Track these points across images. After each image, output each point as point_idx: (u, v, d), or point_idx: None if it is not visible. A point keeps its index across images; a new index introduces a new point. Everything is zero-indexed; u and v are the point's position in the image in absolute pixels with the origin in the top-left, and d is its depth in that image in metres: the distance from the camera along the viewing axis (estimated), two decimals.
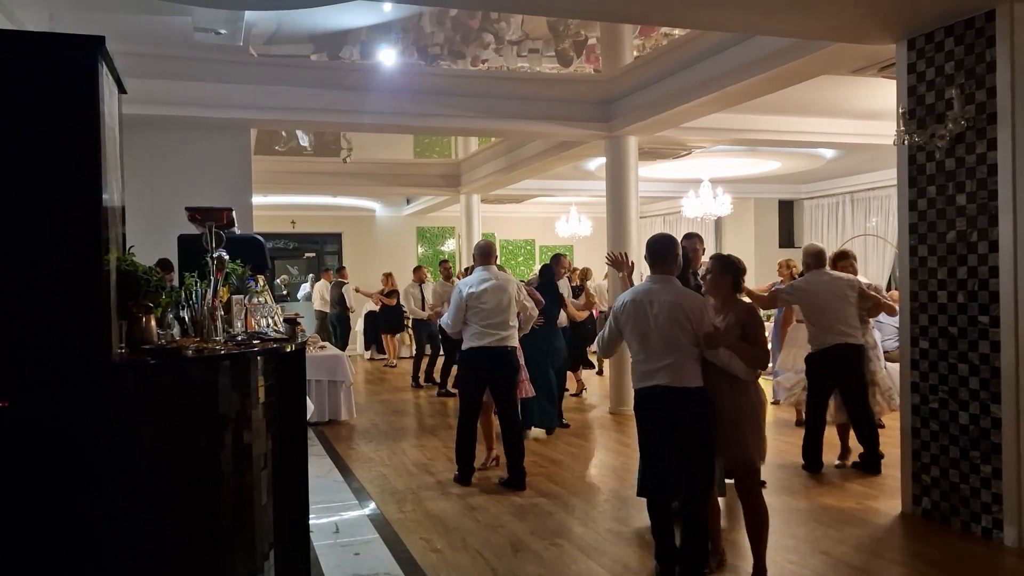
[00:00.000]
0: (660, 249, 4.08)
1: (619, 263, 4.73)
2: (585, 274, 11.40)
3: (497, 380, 6.06)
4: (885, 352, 9.38)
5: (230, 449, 3.18)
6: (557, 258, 8.86)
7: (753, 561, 4.00)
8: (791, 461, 6.40)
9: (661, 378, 3.90)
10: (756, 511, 4.01)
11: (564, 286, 9.43)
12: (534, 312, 6.52)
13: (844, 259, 6.68)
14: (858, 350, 6.11)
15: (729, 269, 4.09)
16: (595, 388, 10.89)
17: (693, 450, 3.92)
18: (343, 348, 14.19)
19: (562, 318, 8.63)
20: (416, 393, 11.19)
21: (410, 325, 14.25)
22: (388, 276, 14.39)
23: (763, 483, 4.48)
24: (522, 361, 6.57)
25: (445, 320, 6.31)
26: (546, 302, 7.34)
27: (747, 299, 4.66)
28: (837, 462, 6.34)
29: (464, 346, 6.10)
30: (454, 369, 8.23)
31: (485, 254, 6.20)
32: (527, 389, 6.71)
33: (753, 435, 3.95)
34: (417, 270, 12.79)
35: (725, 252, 5.40)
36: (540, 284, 7.98)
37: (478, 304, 5.95)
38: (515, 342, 6.13)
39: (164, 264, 6.23)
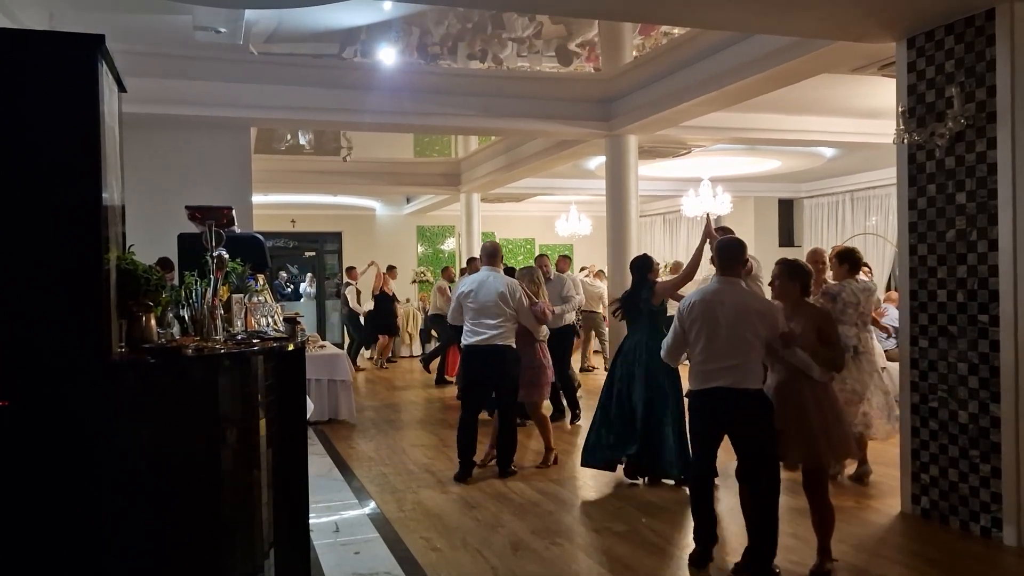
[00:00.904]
0: (731, 253, 4.22)
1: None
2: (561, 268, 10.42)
3: (488, 378, 6.24)
4: (885, 351, 9.39)
5: (230, 448, 3.18)
6: (539, 259, 8.82)
7: (816, 558, 4.15)
8: None
9: (723, 380, 4.00)
10: (819, 508, 4.12)
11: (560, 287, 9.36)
12: (531, 321, 6.40)
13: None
14: None
15: (797, 274, 4.17)
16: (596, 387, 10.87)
17: (757, 449, 4.03)
18: (363, 347, 14.13)
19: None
20: (421, 393, 11.17)
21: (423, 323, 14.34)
22: (384, 275, 13.97)
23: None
24: (548, 363, 6.63)
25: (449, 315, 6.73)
26: None
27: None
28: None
29: (461, 343, 6.44)
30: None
31: (489, 255, 6.41)
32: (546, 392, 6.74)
33: (824, 435, 4.01)
34: (445, 270, 13.30)
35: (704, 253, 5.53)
36: None
37: (468, 303, 6.23)
38: (504, 341, 6.16)
39: (164, 263, 6.23)
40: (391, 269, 14.33)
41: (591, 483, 6.18)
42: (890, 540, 4.81)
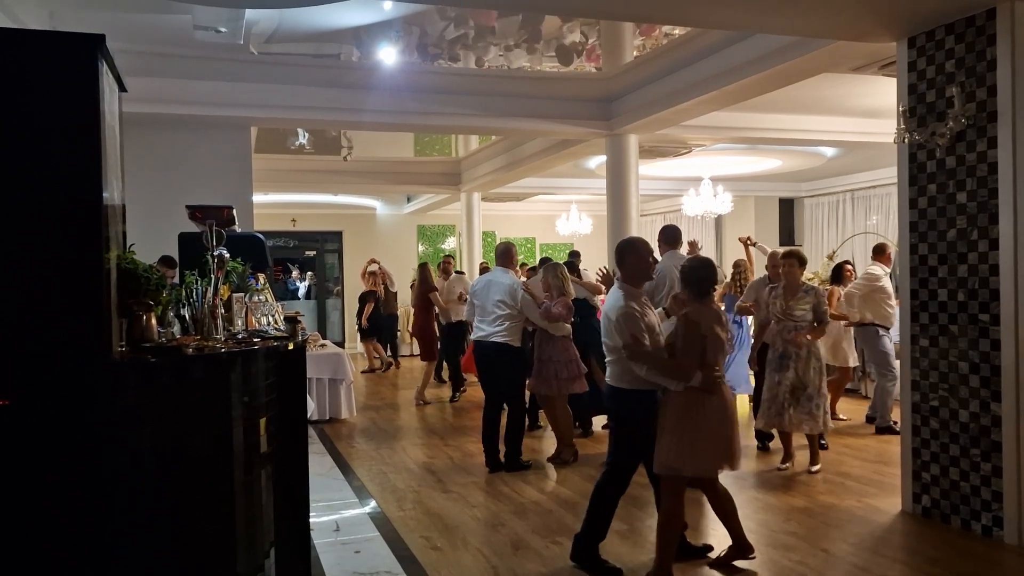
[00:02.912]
0: (618, 254, 4.39)
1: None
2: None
3: (489, 373, 6.54)
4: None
5: (231, 447, 3.18)
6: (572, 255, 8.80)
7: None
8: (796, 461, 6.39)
9: (611, 377, 4.27)
10: (664, 513, 4.12)
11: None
12: (539, 319, 6.46)
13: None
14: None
15: (684, 277, 4.23)
16: None
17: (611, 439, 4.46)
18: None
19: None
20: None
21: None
22: (372, 275, 13.42)
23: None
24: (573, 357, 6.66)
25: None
26: None
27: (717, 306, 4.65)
28: (781, 466, 6.27)
29: None
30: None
31: (501, 255, 6.73)
32: (581, 385, 6.75)
33: (664, 438, 4.04)
34: (423, 266, 12.97)
35: (702, 253, 5.53)
36: None
37: (474, 300, 6.62)
38: (503, 339, 6.34)
39: (167, 261, 6.23)
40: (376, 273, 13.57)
41: (591, 482, 6.17)
42: (891, 539, 4.81)
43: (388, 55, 8.97)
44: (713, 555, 4.38)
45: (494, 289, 6.40)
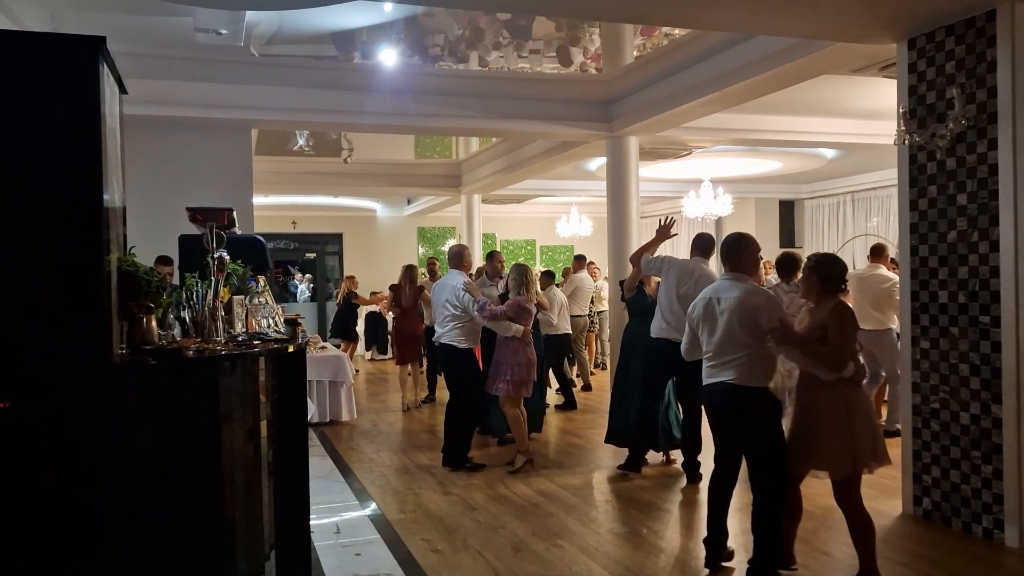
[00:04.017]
0: (733, 249, 4.17)
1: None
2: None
3: (444, 373, 6.85)
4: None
5: (231, 449, 3.18)
6: (490, 255, 8.41)
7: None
8: None
9: (727, 375, 3.99)
10: (849, 517, 3.95)
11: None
12: (478, 318, 6.39)
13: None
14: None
15: (815, 269, 4.04)
16: (602, 386, 10.87)
17: (759, 449, 3.99)
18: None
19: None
20: (422, 393, 11.14)
21: None
22: (351, 279, 13.47)
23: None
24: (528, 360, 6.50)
25: None
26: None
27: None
28: None
29: None
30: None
31: (452, 258, 6.77)
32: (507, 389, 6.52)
33: (831, 441, 3.82)
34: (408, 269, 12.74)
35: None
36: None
37: (434, 302, 6.82)
38: (450, 340, 6.47)
39: (164, 260, 6.22)
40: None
41: (592, 484, 6.17)
42: (892, 542, 4.80)
43: (389, 57, 8.97)
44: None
45: (445, 291, 6.52)
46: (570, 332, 9.69)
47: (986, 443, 4.67)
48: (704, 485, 5.17)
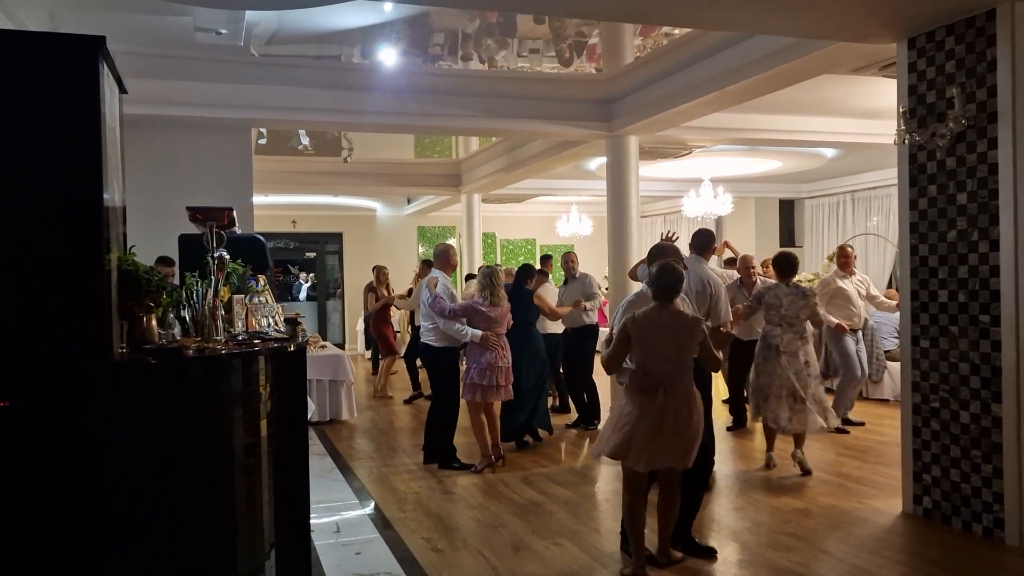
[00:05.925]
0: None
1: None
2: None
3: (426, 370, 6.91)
4: (885, 352, 9.38)
5: (231, 448, 3.18)
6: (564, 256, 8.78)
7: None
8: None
9: None
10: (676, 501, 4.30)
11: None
12: (438, 318, 6.37)
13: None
14: None
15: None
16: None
17: None
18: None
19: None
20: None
21: None
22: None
23: None
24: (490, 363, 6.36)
25: None
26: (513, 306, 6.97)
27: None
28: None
29: None
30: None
31: (436, 256, 6.77)
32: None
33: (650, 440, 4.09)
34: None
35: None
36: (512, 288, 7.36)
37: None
38: (425, 339, 6.53)
39: (165, 260, 6.22)
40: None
41: (592, 483, 6.18)
42: (892, 540, 4.80)
43: (389, 56, 8.96)
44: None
45: (424, 290, 6.59)
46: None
47: (986, 442, 4.67)
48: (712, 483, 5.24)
